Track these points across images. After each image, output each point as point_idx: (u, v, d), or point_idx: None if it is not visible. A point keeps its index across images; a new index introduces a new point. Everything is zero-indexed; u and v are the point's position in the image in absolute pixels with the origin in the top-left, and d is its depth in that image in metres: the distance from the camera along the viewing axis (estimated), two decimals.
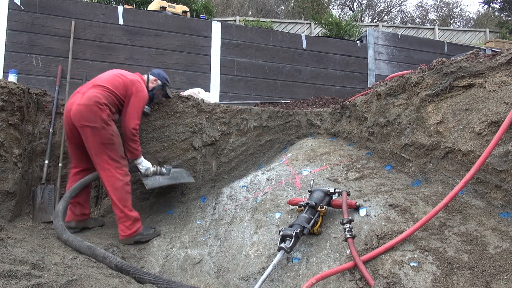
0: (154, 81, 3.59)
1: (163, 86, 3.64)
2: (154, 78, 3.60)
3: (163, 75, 3.67)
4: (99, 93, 3.10)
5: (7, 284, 1.99)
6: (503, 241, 2.06)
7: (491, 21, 20.18)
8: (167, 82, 3.69)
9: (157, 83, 3.60)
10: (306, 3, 15.31)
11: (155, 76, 3.61)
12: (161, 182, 3.46)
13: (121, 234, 3.12)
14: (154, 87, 3.59)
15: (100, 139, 3.04)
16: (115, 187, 3.07)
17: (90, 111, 3.02)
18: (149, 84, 3.55)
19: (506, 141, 2.31)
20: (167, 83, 3.69)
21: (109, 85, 3.19)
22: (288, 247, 2.30)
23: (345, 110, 4.16)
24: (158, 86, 3.60)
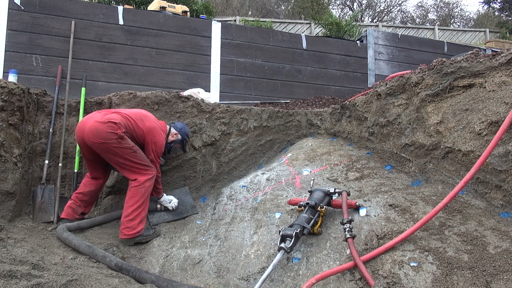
0: (174, 135, 3.58)
1: (182, 141, 3.64)
2: (175, 132, 3.59)
3: (185, 131, 3.65)
4: (119, 118, 3.20)
5: (7, 284, 1.99)
6: (503, 241, 2.06)
7: (491, 21, 20.18)
8: (187, 138, 3.67)
9: (177, 138, 3.59)
10: (306, 3, 15.31)
11: (177, 130, 3.60)
12: (165, 218, 3.53)
13: (123, 233, 3.11)
14: (173, 141, 3.58)
15: (120, 152, 3.12)
16: (145, 185, 3.17)
17: (104, 128, 3.08)
18: (169, 137, 3.55)
19: (506, 141, 2.31)
20: (187, 138, 3.67)
21: (134, 117, 3.30)
22: (288, 247, 2.30)
23: (345, 110, 4.15)
24: (177, 140, 3.60)
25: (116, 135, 3.08)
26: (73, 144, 4.03)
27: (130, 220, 3.10)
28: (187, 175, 4.03)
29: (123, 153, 3.13)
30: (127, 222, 3.10)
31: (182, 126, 3.67)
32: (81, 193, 3.39)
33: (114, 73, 5.11)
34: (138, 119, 3.33)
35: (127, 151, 3.14)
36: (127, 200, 3.17)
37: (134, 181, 3.18)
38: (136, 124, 3.29)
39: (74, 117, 4.16)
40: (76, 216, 3.38)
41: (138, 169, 3.19)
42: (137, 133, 3.28)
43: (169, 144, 3.54)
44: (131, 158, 3.16)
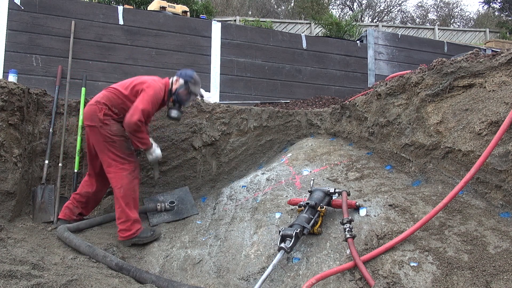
0: (176, 82, 3.30)
1: (185, 83, 3.27)
2: (176, 78, 3.31)
3: (186, 73, 3.33)
4: (103, 94, 3.16)
5: (7, 284, 1.99)
6: (503, 241, 2.06)
7: (491, 21, 20.17)
8: (190, 79, 3.30)
9: (179, 83, 3.29)
10: (306, 3, 15.30)
11: (178, 75, 3.33)
12: (165, 219, 3.51)
13: (119, 236, 3.10)
14: (177, 88, 3.28)
15: (100, 138, 3.09)
16: (121, 183, 3.06)
17: (91, 111, 3.11)
18: (173, 86, 3.30)
19: (506, 141, 2.30)
20: (190, 79, 3.30)
21: (119, 86, 3.20)
22: (288, 247, 2.30)
23: (345, 110, 4.15)
24: (180, 85, 3.28)
25: (97, 118, 3.07)
26: (73, 144, 4.03)
27: (123, 223, 3.07)
28: (187, 175, 4.03)
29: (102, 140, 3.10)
30: (120, 224, 3.09)
31: (185, 70, 3.38)
32: (78, 194, 3.39)
33: (114, 73, 5.11)
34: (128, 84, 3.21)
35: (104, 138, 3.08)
36: (114, 202, 3.16)
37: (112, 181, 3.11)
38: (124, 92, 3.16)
39: (74, 117, 4.15)
40: (73, 217, 3.35)
41: (115, 160, 3.09)
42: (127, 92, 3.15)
43: (174, 94, 3.27)
44: (108, 147, 3.09)
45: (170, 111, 3.32)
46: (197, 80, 3.33)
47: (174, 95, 3.27)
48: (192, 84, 3.29)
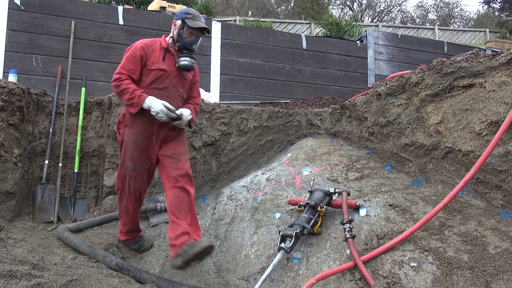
0: (173, 27, 2.80)
1: (183, 22, 2.72)
2: (173, 22, 2.81)
3: (180, 11, 2.83)
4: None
5: (7, 284, 1.99)
6: (503, 241, 2.06)
7: (491, 21, 20.17)
8: (186, 15, 2.74)
9: (177, 25, 2.77)
10: (306, 3, 15.29)
11: (174, 19, 2.82)
12: (165, 219, 3.49)
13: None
14: (177, 32, 2.76)
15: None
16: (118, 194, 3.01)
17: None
18: (173, 32, 2.81)
19: (506, 141, 2.30)
20: (186, 16, 2.74)
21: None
22: (288, 247, 2.30)
23: (345, 110, 4.15)
24: (179, 27, 2.75)
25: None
26: (73, 144, 4.04)
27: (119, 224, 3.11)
28: None
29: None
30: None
31: (179, 10, 2.93)
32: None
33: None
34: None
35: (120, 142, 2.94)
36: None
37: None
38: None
39: (74, 117, 4.16)
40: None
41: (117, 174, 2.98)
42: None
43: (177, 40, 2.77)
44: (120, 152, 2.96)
45: (180, 60, 2.76)
46: (194, 13, 2.79)
47: (177, 41, 2.77)
48: (190, 19, 2.73)
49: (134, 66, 2.69)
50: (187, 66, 2.76)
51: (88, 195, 4.01)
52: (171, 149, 2.76)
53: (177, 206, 2.53)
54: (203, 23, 2.78)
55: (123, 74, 2.64)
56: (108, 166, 3.88)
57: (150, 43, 2.78)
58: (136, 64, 2.69)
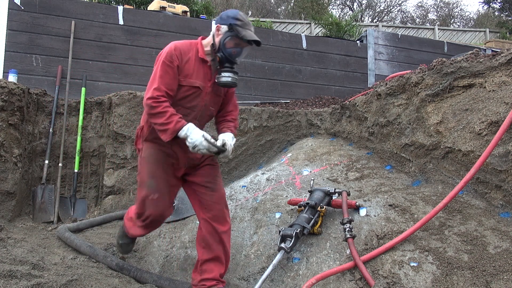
0: (217, 32, 2.28)
1: (231, 29, 2.23)
2: (216, 27, 2.28)
3: (227, 14, 2.29)
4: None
5: (7, 284, 1.99)
6: (503, 241, 2.06)
7: (491, 21, 20.17)
8: (235, 21, 2.23)
9: (222, 31, 2.25)
10: (306, 3, 15.29)
11: (217, 22, 2.29)
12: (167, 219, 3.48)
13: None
14: (221, 40, 2.25)
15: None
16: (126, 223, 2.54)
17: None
18: (215, 38, 2.28)
19: (506, 141, 2.31)
20: (235, 22, 2.23)
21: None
22: (288, 247, 2.30)
23: (345, 110, 4.15)
24: (224, 34, 2.24)
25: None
26: (73, 144, 4.04)
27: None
28: None
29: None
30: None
31: (224, 12, 2.37)
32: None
33: (114, 73, 5.11)
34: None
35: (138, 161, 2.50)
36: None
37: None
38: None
39: (74, 117, 4.16)
40: None
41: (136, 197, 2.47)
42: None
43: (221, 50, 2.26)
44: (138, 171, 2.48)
45: (220, 76, 2.26)
46: (245, 20, 2.28)
47: (219, 51, 2.26)
48: (240, 27, 2.23)
49: (172, 79, 2.18)
50: (229, 84, 2.29)
51: (88, 195, 4.01)
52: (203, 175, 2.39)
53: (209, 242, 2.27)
54: (253, 32, 2.31)
55: (161, 92, 2.12)
56: (108, 166, 3.89)
57: (185, 49, 2.25)
58: (174, 76, 2.18)
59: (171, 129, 2.10)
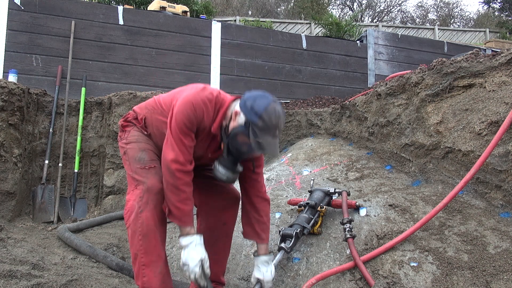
0: (235, 116, 1.85)
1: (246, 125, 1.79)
2: (236, 111, 1.84)
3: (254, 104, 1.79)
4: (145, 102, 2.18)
5: (7, 284, 1.99)
6: (503, 241, 2.06)
7: (491, 21, 20.18)
8: (256, 120, 1.76)
9: (239, 120, 1.83)
10: (306, 3, 15.30)
11: (241, 105, 1.84)
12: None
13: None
14: (234, 129, 1.85)
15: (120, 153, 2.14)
16: (128, 219, 1.88)
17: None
18: (230, 122, 1.89)
19: (506, 141, 2.31)
20: (256, 121, 1.76)
21: (162, 95, 2.14)
22: (288, 247, 2.30)
23: (345, 110, 4.15)
24: (239, 126, 1.83)
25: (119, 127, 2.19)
26: (73, 144, 4.04)
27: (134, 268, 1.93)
28: None
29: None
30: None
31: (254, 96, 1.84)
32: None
33: (114, 73, 5.11)
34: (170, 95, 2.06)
35: (121, 151, 2.10)
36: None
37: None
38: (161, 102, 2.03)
39: (74, 117, 4.16)
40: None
41: (129, 184, 1.99)
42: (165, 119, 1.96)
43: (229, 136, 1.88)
44: (124, 165, 2.06)
45: (217, 167, 1.95)
46: (269, 122, 1.77)
47: (228, 138, 1.89)
48: (261, 130, 1.77)
49: (192, 144, 1.86)
50: (224, 181, 1.99)
51: (88, 195, 4.01)
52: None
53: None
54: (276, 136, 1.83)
55: (187, 161, 1.83)
56: (108, 166, 3.89)
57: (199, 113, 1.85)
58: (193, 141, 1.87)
59: (177, 218, 1.84)
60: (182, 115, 1.80)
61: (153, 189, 1.86)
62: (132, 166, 1.95)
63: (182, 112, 1.80)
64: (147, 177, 1.89)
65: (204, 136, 1.93)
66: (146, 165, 1.94)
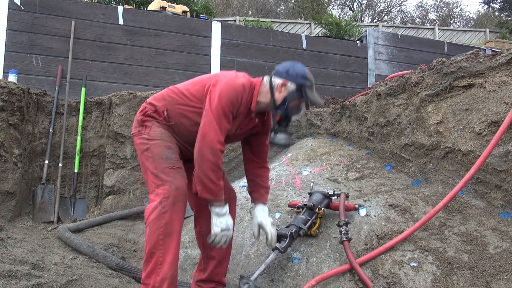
0: (281, 87, 2.04)
1: (299, 89, 2.03)
2: (281, 82, 2.04)
3: (296, 71, 2.06)
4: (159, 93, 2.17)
5: (7, 284, 1.99)
6: (503, 241, 2.06)
7: (491, 21, 20.18)
8: (306, 81, 2.04)
9: (289, 88, 2.04)
10: (306, 3, 15.30)
11: (282, 76, 2.05)
12: None
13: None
14: (286, 97, 2.04)
15: (138, 151, 2.10)
16: (148, 218, 1.89)
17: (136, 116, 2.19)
18: (275, 94, 2.05)
19: (506, 141, 2.31)
20: (306, 82, 2.04)
21: (180, 85, 2.17)
22: (282, 247, 2.29)
23: (345, 110, 4.15)
24: (291, 93, 2.04)
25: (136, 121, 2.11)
26: (73, 144, 4.04)
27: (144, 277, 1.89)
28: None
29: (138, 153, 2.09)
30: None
31: (288, 67, 2.09)
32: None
33: (114, 73, 5.11)
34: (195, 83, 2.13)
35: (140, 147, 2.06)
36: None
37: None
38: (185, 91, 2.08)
39: (74, 117, 4.16)
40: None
41: (150, 181, 1.99)
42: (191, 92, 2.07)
43: (283, 106, 2.05)
44: (144, 161, 2.03)
45: (276, 135, 2.10)
46: (312, 80, 2.10)
47: (280, 108, 2.05)
48: (310, 88, 2.06)
49: (230, 126, 2.00)
50: (285, 145, 2.17)
51: (88, 195, 4.01)
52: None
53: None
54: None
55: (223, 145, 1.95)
56: (108, 166, 3.89)
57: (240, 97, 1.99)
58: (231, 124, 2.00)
59: (214, 194, 1.94)
60: (226, 99, 1.92)
61: (181, 189, 1.94)
62: (158, 164, 1.97)
63: (226, 96, 1.93)
64: (175, 177, 1.95)
65: (240, 118, 2.07)
66: (174, 165, 1.99)
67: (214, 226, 1.99)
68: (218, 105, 1.91)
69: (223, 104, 1.92)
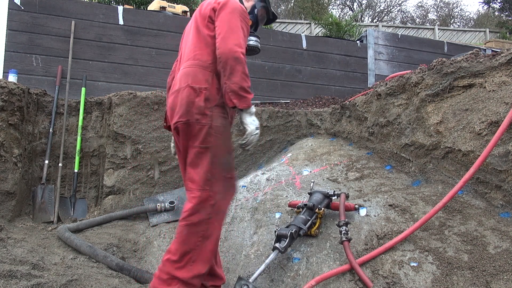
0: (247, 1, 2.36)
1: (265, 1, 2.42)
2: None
3: None
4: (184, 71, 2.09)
5: (7, 284, 1.99)
6: (503, 241, 2.06)
7: (491, 21, 20.18)
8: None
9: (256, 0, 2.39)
10: (306, 3, 15.30)
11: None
12: (165, 219, 3.49)
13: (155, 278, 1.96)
14: (253, 5, 2.37)
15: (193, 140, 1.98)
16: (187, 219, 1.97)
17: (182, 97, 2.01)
18: (244, 3, 2.31)
19: (506, 141, 2.31)
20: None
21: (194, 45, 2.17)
22: (282, 247, 2.30)
23: (345, 110, 4.15)
24: (258, 3, 2.39)
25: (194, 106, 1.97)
26: (73, 144, 4.04)
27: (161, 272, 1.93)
28: None
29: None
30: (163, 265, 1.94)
31: None
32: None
33: (114, 73, 5.11)
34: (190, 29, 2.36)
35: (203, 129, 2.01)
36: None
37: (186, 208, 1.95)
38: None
39: (74, 117, 4.16)
40: None
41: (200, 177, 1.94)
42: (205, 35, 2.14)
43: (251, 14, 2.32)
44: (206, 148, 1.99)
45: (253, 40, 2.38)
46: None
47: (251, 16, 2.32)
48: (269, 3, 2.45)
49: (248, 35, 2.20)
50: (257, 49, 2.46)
51: (88, 195, 4.01)
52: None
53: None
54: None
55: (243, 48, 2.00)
56: (108, 166, 3.88)
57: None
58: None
59: (248, 101, 1.96)
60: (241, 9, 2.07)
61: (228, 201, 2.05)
62: (215, 168, 1.95)
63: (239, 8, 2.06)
64: (226, 188, 1.99)
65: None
66: (228, 174, 2.02)
67: (249, 125, 2.02)
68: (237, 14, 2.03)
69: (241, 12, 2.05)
